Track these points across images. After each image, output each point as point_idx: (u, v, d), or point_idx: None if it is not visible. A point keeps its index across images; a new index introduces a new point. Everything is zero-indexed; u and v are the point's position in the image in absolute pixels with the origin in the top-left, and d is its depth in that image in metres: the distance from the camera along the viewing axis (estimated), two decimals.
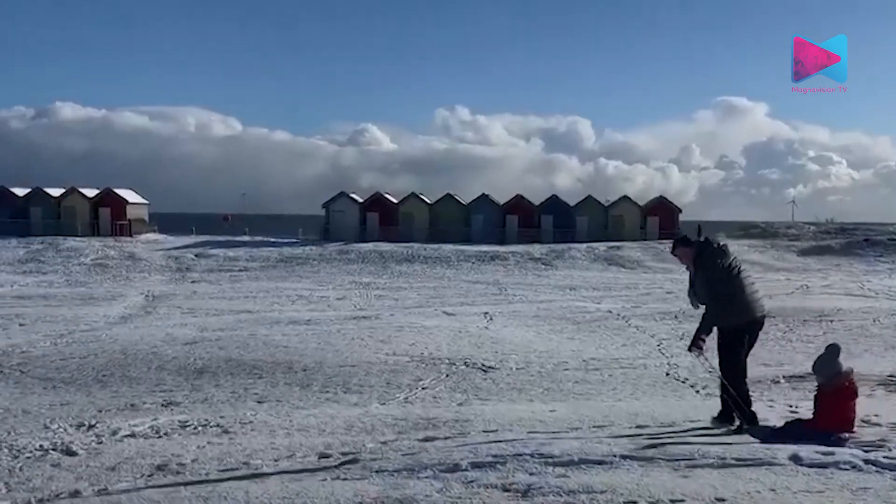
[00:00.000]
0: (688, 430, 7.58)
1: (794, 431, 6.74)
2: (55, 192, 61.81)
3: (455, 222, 62.79)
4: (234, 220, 71.42)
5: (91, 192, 61.82)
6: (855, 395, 6.82)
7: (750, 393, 7.52)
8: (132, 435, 7.40)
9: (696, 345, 7.46)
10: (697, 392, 13.07)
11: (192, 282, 42.58)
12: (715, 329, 7.46)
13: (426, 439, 6.77)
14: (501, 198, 65.85)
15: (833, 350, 6.93)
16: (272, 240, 59.96)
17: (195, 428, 7.67)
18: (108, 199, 61.27)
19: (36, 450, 6.61)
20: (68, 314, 27.93)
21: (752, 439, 6.63)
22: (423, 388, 13.80)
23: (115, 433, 7.53)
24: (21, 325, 24.94)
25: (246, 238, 60.64)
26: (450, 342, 19.13)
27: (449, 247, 55.07)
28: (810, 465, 5.33)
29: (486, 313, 26.57)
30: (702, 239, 7.76)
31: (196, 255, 51.76)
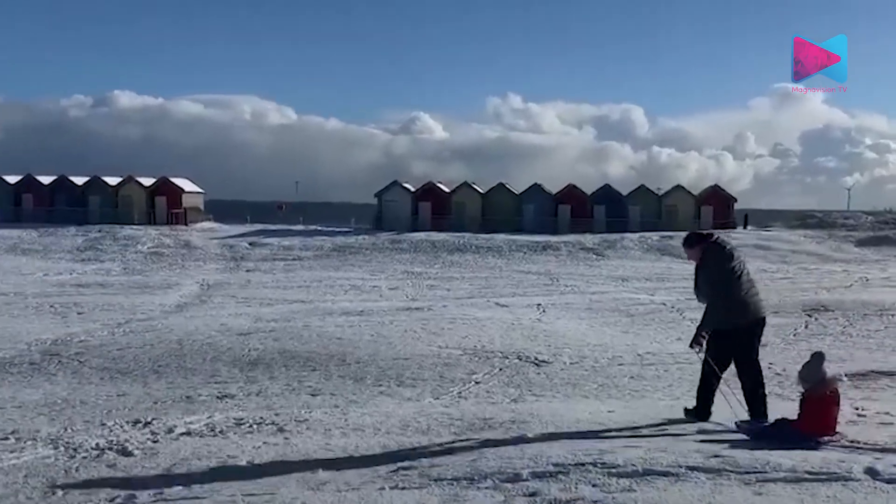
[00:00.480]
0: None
1: (780, 431, 7.01)
2: (112, 180, 62.69)
3: (507, 211, 62.52)
4: (287, 208, 71.85)
5: (147, 181, 62.60)
6: (838, 401, 7.10)
7: (714, 396, 7.86)
8: (188, 433, 7.36)
9: (696, 341, 7.67)
10: None
11: (247, 270, 42.95)
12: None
13: (483, 441, 6.64)
14: (553, 187, 65.42)
15: (818, 358, 7.17)
16: (325, 228, 60.23)
17: (250, 426, 7.61)
18: (165, 188, 62.00)
19: (92, 448, 6.59)
20: (125, 302, 28.32)
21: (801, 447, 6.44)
22: (476, 383, 13.68)
23: (170, 431, 7.50)
24: (79, 313, 25.33)
25: (300, 227, 60.99)
26: (502, 335, 18.99)
27: (501, 236, 54.89)
28: (889, 482, 5.08)
29: (539, 305, 26.38)
30: (712, 239, 7.93)
31: (250, 244, 52.20)
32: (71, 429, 7.68)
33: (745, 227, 61.29)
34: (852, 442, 6.63)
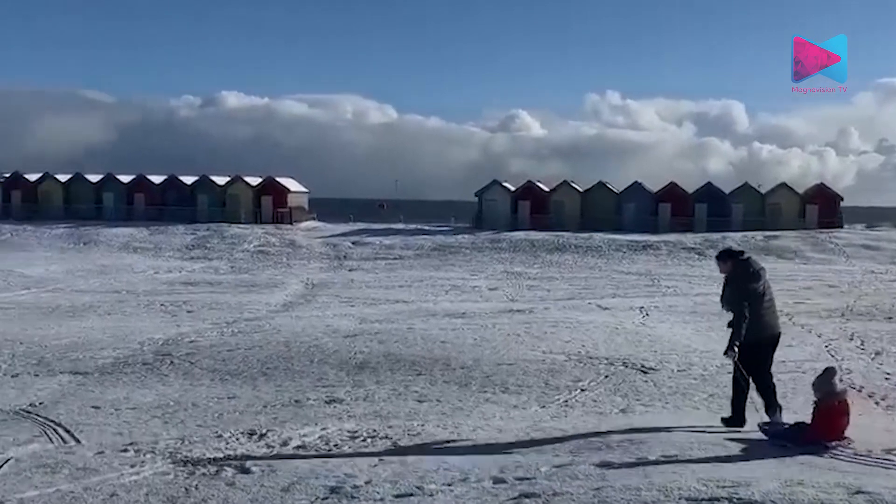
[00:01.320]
0: (884, 458, 7.02)
1: (796, 433, 7.80)
2: (220, 179, 64.19)
3: (606, 210, 61.76)
4: (388, 207, 72.48)
5: (254, 181, 63.88)
6: (847, 411, 7.75)
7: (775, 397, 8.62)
8: (303, 446, 7.38)
9: (731, 349, 8.41)
10: (877, 403, 12.16)
11: (350, 270, 43.43)
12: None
13: (603, 464, 6.44)
14: (652, 184, 64.36)
15: (830, 372, 8.03)
16: (426, 227, 60.52)
17: (364, 439, 7.59)
18: (270, 187, 63.17)
19: (210, 463, 6.65)
20: (233, 301, 28.92)
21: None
22: (582, 391, 13.47)
23: (285, 443, 7.53)
24: (189, 311, 25.98)
25: (401, 226, 61.42)
26: (606, 339, 18.71)
27: (600, 235, 54.25)
28: None
29: (642, 308, 25.92)
30: (743, 257, 8.75)
31: (353, 243, 52.79)
32: (188, 440, 7.77)
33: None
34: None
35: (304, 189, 67.47)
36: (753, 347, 8.43)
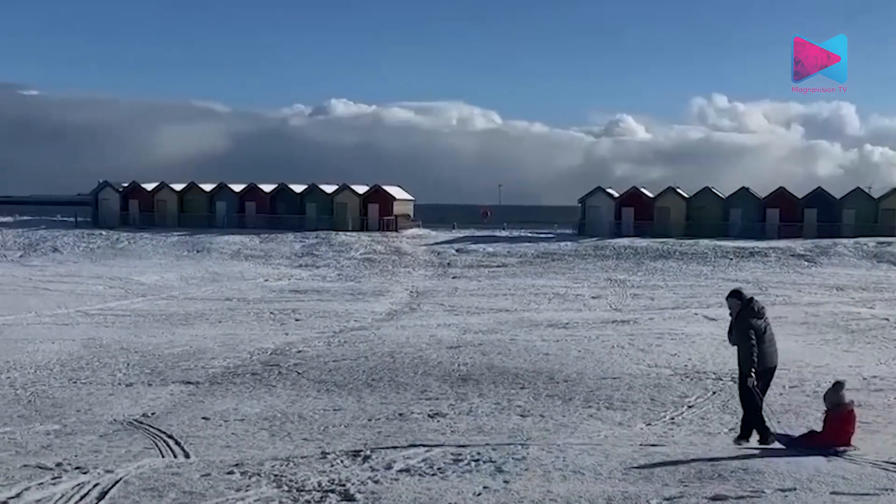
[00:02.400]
0: None
1: (808, 441, 8.73)
2: (328, 188, 65.22)
3: (712, 216, 60.32)
4: (492, 214, 72.32)
5: (361, 189, 64.66)
6: (853, 420, 8.76)
7: (764, 420, 9.68)
8: (407, 470, 7.38)
9: (749, 376, 9.51)
10: None
11: (453, 277, 43.59)
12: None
13: (716, 498, 6.24)
14: (759, 187, 62.61)
15: (839, 385, 9.05)
16: (529, 234, 60.27)
17: (468, 463, 7.54)
18: (377, 196, 63.84)
19: (315, 489, 6.70)
20: (339, 309, 29.38)
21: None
22: (689, 407, 13.24)
23: (389, 467, 7.56)
24: (297, 319, 26.50)
25: (504, 233, 61.31)
26: (714, 353, 18.29)
27: (705, 242, 53.05)
28: None
29: None
30: (747, 298, 9.91)
31: (457, 251, 52.96)
32: (293, 461, 7.88)
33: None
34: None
35: (409, 196, 68.02)
36: (758, 375, 9.59)
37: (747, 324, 9.67)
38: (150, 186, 67.30)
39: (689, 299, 32.67)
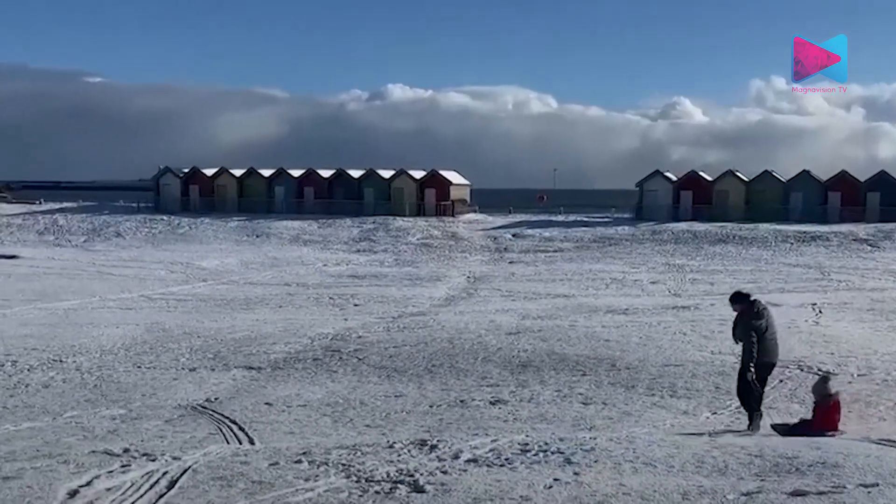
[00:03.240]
0: None
1: (801, 429, 9.68)
2: (386, 173, 65.40)
3: (772, 200, 59.27)
4: (547, 199, 71.94)
5: (418, 174, 64.74)
6: (839, 409, 9.92)
7: (759, 406, 10.61)
8: (475, 460, 7.29)
9: (748, 370, 10.39)
10: None
11: (510, 262, 43.47)
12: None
13: (796, 493, 6.04)
14: (819, 170, 61.34)
15: (826, 378, 10.43)
16: (585, 219, 59.84)
17: (536, 454, 7.42)
18: (433, 181, 63.84)
19: (383, 479, 6.67)
20: (397, 294, 29.45)
21: None
22: None
23: (456, 456, 7.48)
24: (356, 304, 26.63)
25: (560, 217, 60.95)
26: (778, 339, 17.89)
27: (765, 226, 52.15)
28: None
29: (814, 305, 24.73)
30: (751, 299, 10.73)
31: (513, 235, 52.80)
32: (360, 450, 7.85)
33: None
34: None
35: (465, 181, 67.90)
36: (756, 370, 10.44)
37: (749, 324, 10.48)
38: (210, 172, 68.03)
39: (750, 284, 32.09)
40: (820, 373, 14.35)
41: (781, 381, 13.94)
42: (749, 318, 10.52)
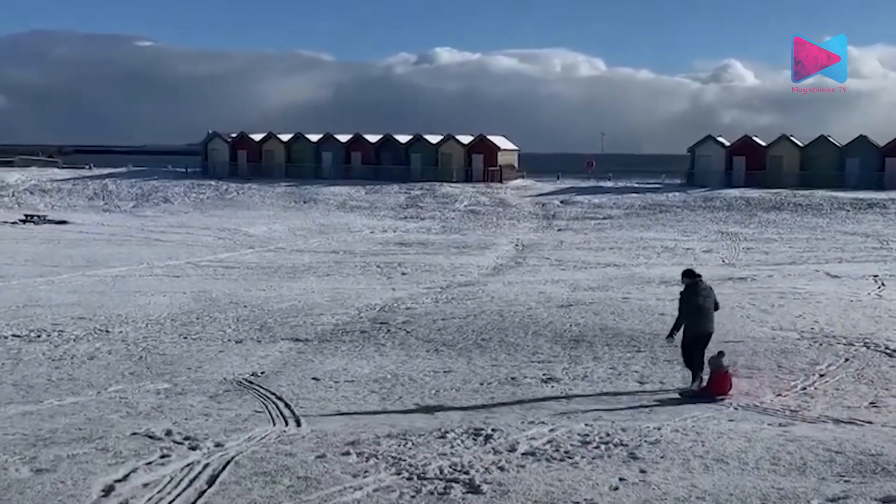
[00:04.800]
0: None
1: (700, 393, 11.36)
2: (433, 138, 64.79)
3: (828, 166, 57.70)
4: (595, 165, 70.71)
5: (466, 139, 64.04)
6: (730, 379, 11.54)
7: (700, 374, 11.69)
8: (532, 453, 6.86)
9: (670, 336, 11.97)
10: None
11: (559, 230, 42.87)
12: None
13: (887, 500, 5.52)
14: (874, 134, 59.50)
15: (720, 354, 11.67)
16: (635, 185, 58.83)
17: (597, 446, 6.98)
18: (481, 146, 63.12)
19: (437, 477, 6.26)
20: (445, 263, 29.08)
21: None
22: (820, 376, 12.39)
23: (513, 449, 7.05)
24: (403, 273, 26.32)
25: (609, 184, 60.01)
26: (841, 314, 17.29)
27: (821, 193, 50.83)
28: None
29: (876, 277, 23.88)
30: (693, 279, 12.16)
31: (562, 202, 52.08)
32: (411, 440, 7.44)
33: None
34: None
35: (513, 147, 67.07)
36: (695, 339, 11.79)
37: (687, 301, 11.86)
38: (257, 137, 67.97)
39: (806, 253, 31.33)
40: (887, 351, 13.77)
41: (847, 360, 13.37)
42: (691, 295, 11.90)
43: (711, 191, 53.69)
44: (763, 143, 60.69)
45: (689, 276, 12.30)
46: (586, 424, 8.23)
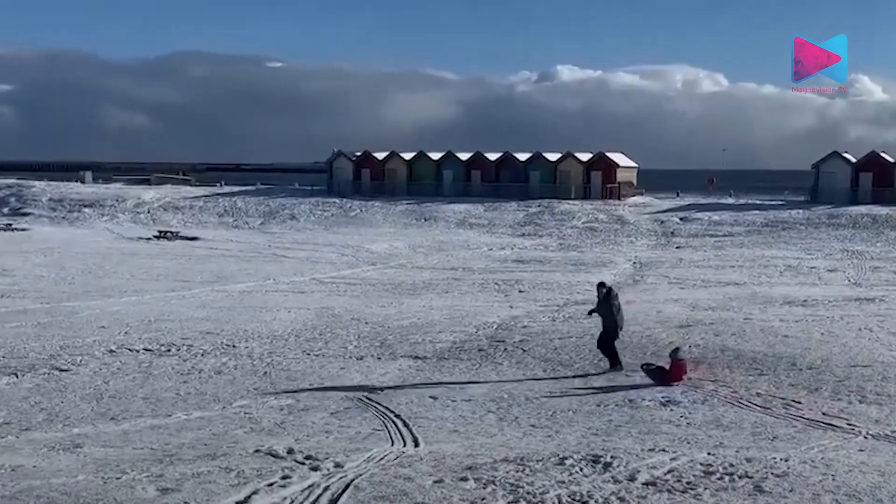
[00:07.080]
0: None
1: (658, 376, 13.42)
2: (552, 156, 64.72)
3: None
4: (717, 181, 69.16)
5: (584, 156, 63.73)
6: (685, 367, 13.62)
7: (619, 356, 14.60)
8: (653, 483, 6.76)
9: (589, 313, 15.61)
10: None
11: (677, 247, 42.18)
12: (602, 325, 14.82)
13: None
14: None
15: (678, 350, 13.95)
16: (757, 202, 57.33)
17: (720, 477, 6.80)
18: (600, 163, 62.64)
19: None
20: (562, 280, 29.02)
21: None
22: None
23: (633, 478, 6.91)
24: (520, 291, 26.40)
25: (730, 200, 58.65)
26: None
27: None
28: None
29: None
30: (607, 289, 15.04)
31: (681, 219, 51.21)
32: (529, 466, 7.42)
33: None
34: None
35: (632, 163, 66.33)
36: (612, 333, 14.58)
37: (614, 304, 14.75)
38: (381, 156, 69.11)
39: None
40: None
41: None
42: (611, 300, 14.79)
43: (836, 208, 51.95)
44: (891, 160, 58.38)
45: (605, 286, 15.20)
46: (709, 453, 8.05)
